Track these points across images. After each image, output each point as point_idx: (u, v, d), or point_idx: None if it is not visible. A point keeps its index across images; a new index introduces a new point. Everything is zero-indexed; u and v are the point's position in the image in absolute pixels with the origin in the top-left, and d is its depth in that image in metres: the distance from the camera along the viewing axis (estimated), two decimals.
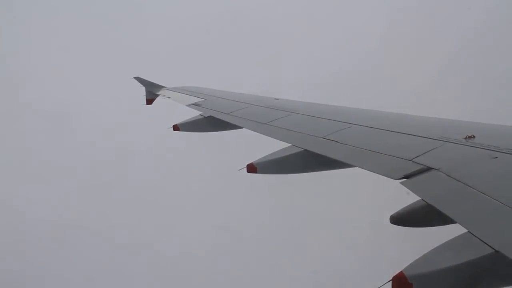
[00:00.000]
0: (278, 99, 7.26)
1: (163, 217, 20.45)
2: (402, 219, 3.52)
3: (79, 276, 19.16)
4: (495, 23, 23.87)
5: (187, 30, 28.71)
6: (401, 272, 2.57)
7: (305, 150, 4.79)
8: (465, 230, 2.71)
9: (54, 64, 25.77)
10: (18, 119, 24.13)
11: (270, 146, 5.11)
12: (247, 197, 18.46)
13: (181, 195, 20.80)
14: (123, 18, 28.93)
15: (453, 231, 2.80)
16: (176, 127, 7.10)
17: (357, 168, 4.15)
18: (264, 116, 6.24)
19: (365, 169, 3.99)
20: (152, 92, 10.04)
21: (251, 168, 4.85)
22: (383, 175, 3.75)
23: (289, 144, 5.01)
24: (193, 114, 7.31)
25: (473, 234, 2.63)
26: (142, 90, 10.23)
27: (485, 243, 2.52)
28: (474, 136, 4.00)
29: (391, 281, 2.56)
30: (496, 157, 3.53)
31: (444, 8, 26.42)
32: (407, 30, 26.34)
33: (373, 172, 3.88)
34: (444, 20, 26.67)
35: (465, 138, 4.01)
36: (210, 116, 6.96)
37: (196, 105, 7.76)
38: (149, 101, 10.12)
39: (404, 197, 3.43)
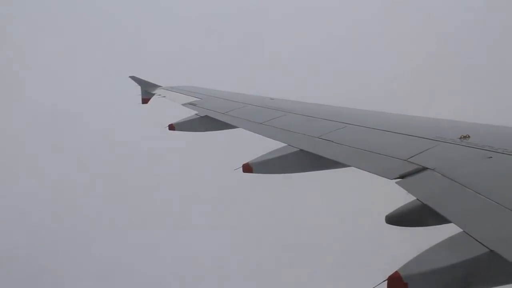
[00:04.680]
0: (273, 99, 7.26)
1: (158, 217, 20.40)
2: (397, 219, 3.52)
3: (75, 275, 19.10)
4: (491, 22, 23.99)
5: (183, 29, 28.69)
6: (396, 272, 2.57)
7: (301, 150, 4.79)
8: (460, 230, 2.71)
9: (49, 63, 25.67)
10: (13, 117, 24.01)
11: (265, 146, 5.11)
12: (243, 197, 18.43)
13: (176, 195, 20.75)
14: (119, 17, 28.86)
15: (448, 230, 2.81)
16: (171, 127, 7.08)
17: (352, 168, 4.15)
18: (259, 116, 6.24)
19: (361, 169, 4.00)
20: (147, 92, 10.05)
21: (247, 168, 4.85)
22: (378, 175, 3.76)
23: (285, 144, 5.01)
24: (188, 113, 7.31)
25: (468, 234, 2.64)
26: (137, 89, 10.22)
27: (480, 242, 2.53)
28: (469, 136, 4.02)
29: (386, 281, 2.56)
30: (491, 157, 3.54)
31: (440, 6, 26.52)
32: (402, 29, 26.43)
33: (368, 172, 3.89)
34: (439, 19, 26.78)
35: (460, 138, 4.03)
36: (206, 116, 6.96)
37: (191, 104, 7.76)
38: (145, 101, 10.12)
39: (400, 197, 3.44)
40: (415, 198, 3.32)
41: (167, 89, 9.69)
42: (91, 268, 19.31)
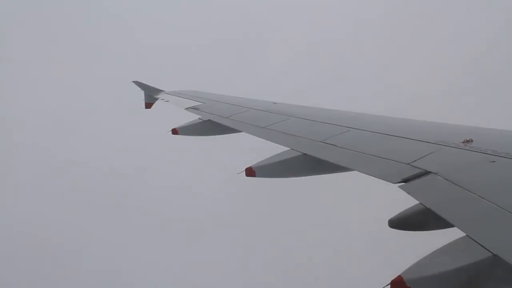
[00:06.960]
0: (276, 103, 7.27)
1: (161, 220, 20.41)
2: (400, 223, 3.52)
3: (79, 281, 19.15)
4: (494, 28, 23.96)
5: (187, 34, 28.78)
6: (399, 276, 2.57)
7: (304, 154, 4.80)
8: (463, 234, 2.72)
9: (51, 68, 25.79)
10: (17, 121, 24.11)
11: (268, 150, 5.12)
12: (246, 200, 18.43)
13: (179, 199, 20.77)
14: (123, 22, 28.99)
15: (451, 235, 2.81)
16: (175, 131, 7.09)
17: (355, 172, 4.15)
18: (262, 120, 6.24)
19: (364, 173, 4.00)
20: (151, 96, 10.04)
21: (250, 172, 4.85)
22: (381, 179, 3.76)
23: (288, 148, 5.02)
24: (192, 118, 7.32)
25: (471, 238, 2.64)
26: (141, 94, 10.24)
27: (483, 247, 2.53)
28: (471, 140, 4.02)
29: (389, 285, 2.56)
30: (494, 161, 3.55)
31: (442, 11, 26.53)
32: (406, 34, 26.45)
33: (371, 176, 3.89)
34: (443, 24, 26.78)
35: (463, 142, 4.03)
36: (209, 120, 6.97)
37: (195, 109, 7.76)
38: (148, 105, 10.11)
39: (403, 201, 3.44)
40: (418, 202, 3.32)
41: (170, 94, 9.69)
42: (91, 273, 19.35)
